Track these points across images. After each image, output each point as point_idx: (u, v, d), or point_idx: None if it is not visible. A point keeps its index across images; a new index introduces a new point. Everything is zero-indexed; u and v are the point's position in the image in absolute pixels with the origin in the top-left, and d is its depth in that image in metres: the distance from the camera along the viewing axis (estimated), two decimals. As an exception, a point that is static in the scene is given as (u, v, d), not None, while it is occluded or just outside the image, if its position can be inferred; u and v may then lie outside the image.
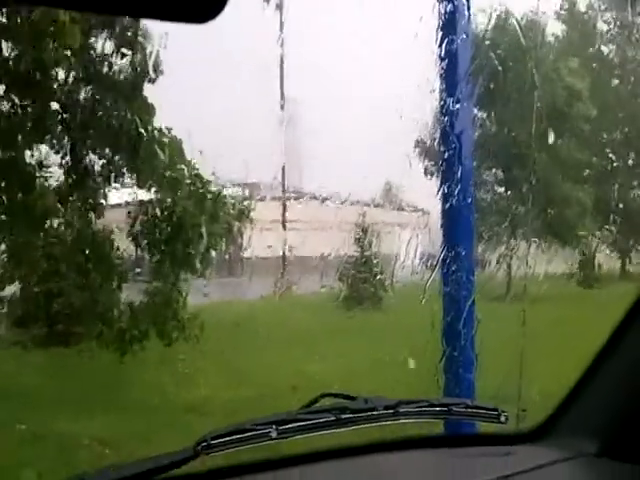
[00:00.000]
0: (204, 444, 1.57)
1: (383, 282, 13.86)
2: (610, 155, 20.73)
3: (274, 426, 1.62)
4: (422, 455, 1.97)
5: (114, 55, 8.16)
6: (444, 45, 4.11)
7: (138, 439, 6.75)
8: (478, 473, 1.72)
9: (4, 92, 7.79)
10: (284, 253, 14.91)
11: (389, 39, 12.09)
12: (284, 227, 14.15)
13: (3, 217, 8.12)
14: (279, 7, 9.31)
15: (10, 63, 6.66)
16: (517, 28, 17.95)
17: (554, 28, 20.83)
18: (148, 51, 8.29)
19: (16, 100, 7.78)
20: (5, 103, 7.77)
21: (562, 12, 21.75)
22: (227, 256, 9.73)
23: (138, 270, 9.84)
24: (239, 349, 10.37)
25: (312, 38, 12.04)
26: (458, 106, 4.07)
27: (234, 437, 1.59)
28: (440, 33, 4.12)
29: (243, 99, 11.86)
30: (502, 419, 1.89)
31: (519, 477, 1.74)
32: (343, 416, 1.69)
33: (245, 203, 10.04)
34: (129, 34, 8.02)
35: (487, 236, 16.95)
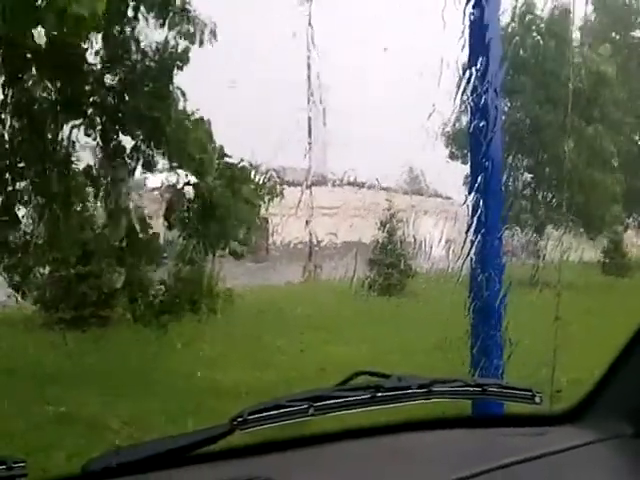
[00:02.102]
0: (240, 419, 1.58)
1: (410, 268, 13.83)
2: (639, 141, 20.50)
3: (310, 403, 1.62)
4: (455, 435, 1.97)
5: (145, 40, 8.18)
6: (472, 29, 4.07)
7: (165, 421, 6.81)
8: (512, 453, 1.72)
9: (37, 76, 7.85)
10: (310, 239, 14.92)
11: (416, 23, 12.01)
12: (310, 212, 14.14)
13: (36, 199, 8.19)
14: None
15: (43, 47, 6.70)
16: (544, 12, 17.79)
17: (583, 12, 20.59)
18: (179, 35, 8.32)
19: (49, 84, 7.84)
20: (39, 87, 7.83)
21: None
22: (253, 239, 9.75)
23: (165, 254, 9.91)
24: (266, 334, 10.41)
25: (339, 22, 11.99)
26: (487, 91, 4.04)
27: (270, 413, 1.59)
28: (469, 15, 4.09)
29: (271, 84, 11.86)
30: (537, 400, 1.88)
31: (554, 457, 1.74)
32: (378, 394, 1.70)
33: (272, 188, 10.05)
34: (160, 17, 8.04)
35: (514, 222, 16.85)
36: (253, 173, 9.37)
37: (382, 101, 14.74)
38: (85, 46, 7.66)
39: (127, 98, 8.05)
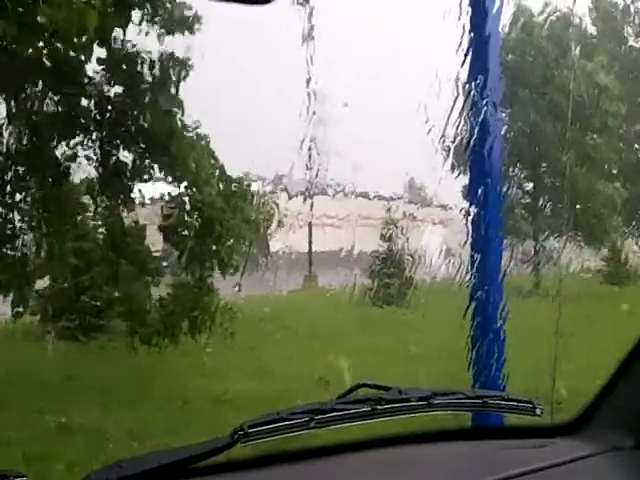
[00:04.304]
0: (241, 433, 1.57)
1: (410, 278, 13.80)
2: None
3: (311, 415, 1.62)
4: (455, 447, 1.96)
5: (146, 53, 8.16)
6: (472, 43, 4.08)
7: (167, 431, 6.80)
8: (512, 465, 1.71)
9: (37, 88, 7.86)
10: (310, 248, 14.92)
11: (417, 34, 12.06)
12: (310, 223, 14.14)
13: (35, 211, 8.18)
14: (306, 1, 9.16)
15: (43, 60, 6.71)
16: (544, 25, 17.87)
17: (582, 23, 20.62)
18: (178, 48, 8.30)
19: (50, 95, 7.85)
20: (40, 99, 7.84)
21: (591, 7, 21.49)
22: (253, 251, 9.73)
23: (165, 264, 9.88)
24: (266, 343, 10.40)
25: (340, 32, 12.01)
26: (486, 105, 4.05)
27: (271, 426, 1.59)
28: (469, 29, 4.09)
29: (271, 94, 11.88)
30: (537, 412, 1.88)
31: (554, 470, 1.73)
32: (379, 407, 1.69)
33: (271, 198, 10.05)
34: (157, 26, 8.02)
35: (515, 233, 16.83)
36: (252, 183, 9.36)
37: (383, 109, 14.75)
38: (84, 57, 7.67)
39: (127, 110, 8.04)
